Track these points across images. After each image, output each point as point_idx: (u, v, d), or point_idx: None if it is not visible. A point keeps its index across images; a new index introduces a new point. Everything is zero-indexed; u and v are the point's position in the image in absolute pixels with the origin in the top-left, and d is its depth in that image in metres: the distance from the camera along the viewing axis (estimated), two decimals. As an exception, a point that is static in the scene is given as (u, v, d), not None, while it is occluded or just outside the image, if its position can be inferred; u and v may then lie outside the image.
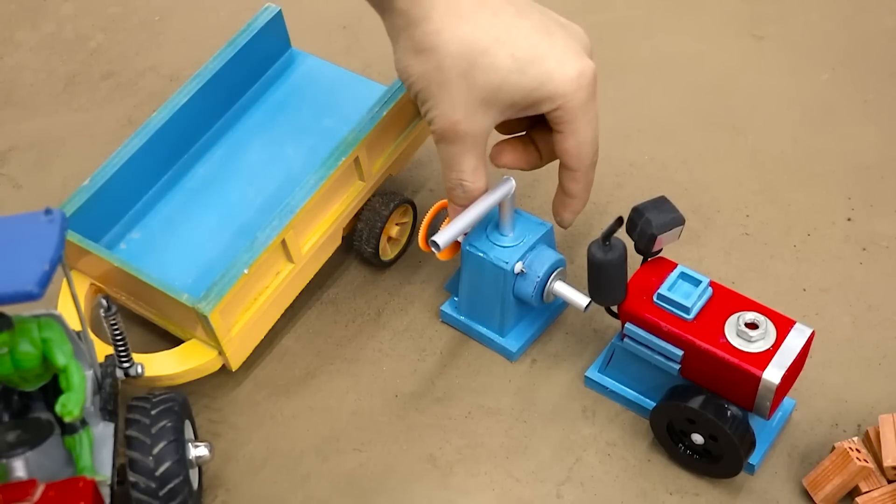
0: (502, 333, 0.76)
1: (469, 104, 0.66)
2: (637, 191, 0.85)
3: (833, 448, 0.68)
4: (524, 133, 0.73)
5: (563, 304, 0.78)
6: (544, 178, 0.84)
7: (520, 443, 0.73)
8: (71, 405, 0.62)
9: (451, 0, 0.64)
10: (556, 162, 0.71)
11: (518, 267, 0.72)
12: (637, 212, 0.67)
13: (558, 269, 0.73)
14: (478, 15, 0.65)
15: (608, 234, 0.65)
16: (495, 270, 0.72)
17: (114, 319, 0.67)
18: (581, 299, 0.72)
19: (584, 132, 0.68)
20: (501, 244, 0.72)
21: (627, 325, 0.68)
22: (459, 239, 0.73)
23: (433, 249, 0.69)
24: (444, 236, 0.68)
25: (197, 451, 0.68)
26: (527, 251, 0.72)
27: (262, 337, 0.76)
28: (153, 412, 0.66)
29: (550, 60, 0.66)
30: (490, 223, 0.73)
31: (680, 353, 0.66)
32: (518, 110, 0.68)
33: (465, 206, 0.70)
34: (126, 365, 0.69)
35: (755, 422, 0.68)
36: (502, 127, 0.73)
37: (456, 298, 0.78)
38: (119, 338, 0.68)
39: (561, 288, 0.73)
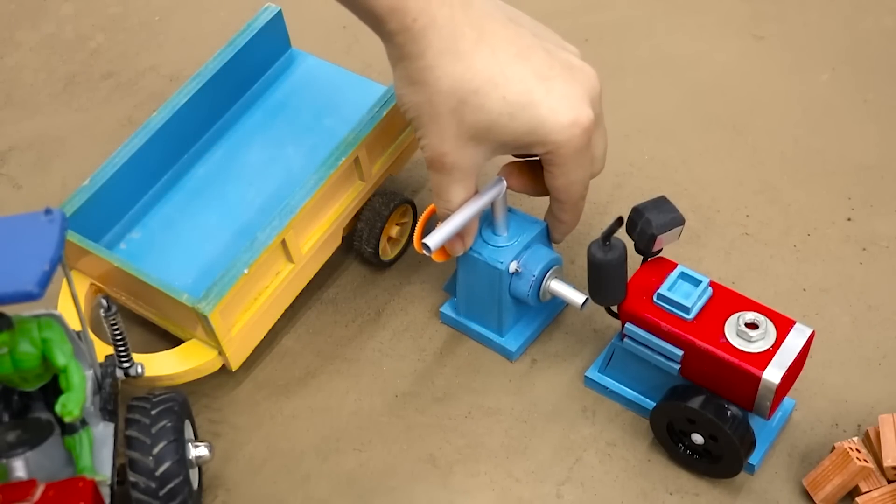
0: (501, 333, 0.76)
1: (458, 139, 0.66)
2: (637, 191, 0.84)
3: (833, 448, 0.68)
4: (537, 158, 0.72)
5: (561, 303, 0.78)
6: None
7: (520, 443, 0.73)
8: (71, 405, 0.62)
9: (448, 38, 0.64)
10: None
11: (513, 266, 0.72)
12: (637, 212, 0.67)
13: (554, 268, 0.73)
14: (474, 54, 0.64)
15: (608, 234, 0.65)
16: (490, 270, 0.72)
17: (114, 319, 0.67)
18: (577, 297, 0.72)
19: (574, 174, 0.68)
20: (496, 244, 0.72)
21: (627, 325, 0.68)
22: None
23: (425, 252, 0.69)
24: (434, 238, 0.68)
25: (197, 451, 0.68)
26: (521, 250, 0.72)
27: (262, 337, 0.76)
28: (153, 412, 0.66)
29: (543, 107, 0.65)
30: (484, 223, 0.73)
31: (680, 353, 0.66)
32: (511, 149, 0.68)
33: None
34: (126, 365, 0.69)
35: (755, 422, 0.68)
36: None
37: (455, 299, 0.78)
38: (119, 338, 0.68)
39: (557, 286, 0.73)
